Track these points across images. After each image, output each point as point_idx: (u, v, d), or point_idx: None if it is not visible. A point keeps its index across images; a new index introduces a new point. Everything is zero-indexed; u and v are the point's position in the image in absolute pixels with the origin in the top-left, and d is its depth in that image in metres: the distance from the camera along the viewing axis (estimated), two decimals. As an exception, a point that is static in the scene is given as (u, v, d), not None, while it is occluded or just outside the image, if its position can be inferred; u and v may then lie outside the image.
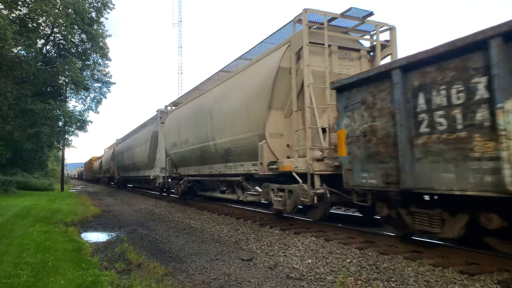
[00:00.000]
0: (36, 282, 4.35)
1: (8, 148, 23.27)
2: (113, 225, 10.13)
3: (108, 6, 23.89)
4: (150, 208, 14.21)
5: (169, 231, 8.83)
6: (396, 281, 4.27)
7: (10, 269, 4.85)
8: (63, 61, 21.67)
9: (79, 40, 23.86)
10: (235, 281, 4.64)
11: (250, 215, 9.59)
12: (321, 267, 5.09)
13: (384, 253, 5.20)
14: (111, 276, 4.57)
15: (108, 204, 16.80)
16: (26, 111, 19.91)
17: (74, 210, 12.78)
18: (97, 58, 25.49)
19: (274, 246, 6.37)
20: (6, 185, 21.55)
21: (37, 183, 28.55)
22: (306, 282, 4.53)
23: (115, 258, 5.97)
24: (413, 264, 4.67)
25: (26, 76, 19.91)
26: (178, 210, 12.45)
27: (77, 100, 30.66)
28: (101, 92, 26.58)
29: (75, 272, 4.72)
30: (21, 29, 19.41)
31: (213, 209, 11.18)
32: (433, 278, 4.20)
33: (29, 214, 11.25)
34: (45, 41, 22.93)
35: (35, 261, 5.28)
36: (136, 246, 6.83)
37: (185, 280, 4.79)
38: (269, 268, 5.25)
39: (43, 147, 26.51)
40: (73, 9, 20.31)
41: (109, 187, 33.78)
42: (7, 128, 19.83)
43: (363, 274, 4.61)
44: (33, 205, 14.07)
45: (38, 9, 18.85)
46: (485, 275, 4.11)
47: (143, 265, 5.38)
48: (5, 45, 16.16)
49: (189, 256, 6.15)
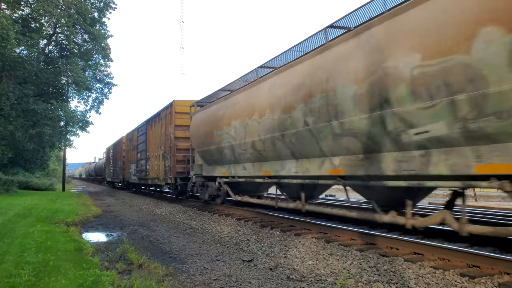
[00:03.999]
0: (37, 281, 4.36)
1: (10, 148, 23.32)
2: (114, 226, 10.14)
3: (110, 6, 23.95)
4: (151, 209, 14.23)
5: (170, 231, 8.84)
6: (396, 283, 4.27)
7: (11, 269, 4.86)
8: (65, 62, 21.72)
9: (82, 40, 23.92)
10: (235, 282, 4.65)
11: (250, 216, 9.59)
12: (321, 268, 5.10)
13: (385, 255, 5.20)
14: (112, 276, 4.58)
15: (109, 204, 16.82)
16: (28, 111, 19.97)
17: (75, 210, 12.80)
18: (99, 59, 25.55)
19: (275, 248, 6.38)
20: (7, 184, 21.63)
21: (39, 183, 28.62)
22: (307, 284, 4.53)
23: (116, 258, 5.98)
24: (414, 266, 4.67)
25: (28, 76, 19.97)
26: (179, 211, 12.46)
27: (79, 101, 30.65)
28: (103, 93, 26.62)
29: (76, 272, 4.73)
30: (24, 29, 19.50)
31: (213, 210, 11.18)
32: (434, 280, 4.20)
33: (30, 214, 11.27)
34: (48, 41, 22.99)
35: (36, 261, 5.29)
36: (137, 246, 6.84)
37: (185, 280, 4.80)
38: (270, 269, 5.25)
39: (45, 147, 26.53)
40: (75, 9, 20.36)
41: (109, 187, 33.83)
42: (9, 128, 19.87)
43: (363, 276, 4.61)
44: (35, 205, 14.10)
45: (41, 9, 18.92)
46: (485, 277, 4.11)
47: (144, 266, 5.39)
48: (8, 45, 16.22)
49: (190, 256, 6.16)
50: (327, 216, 8.82)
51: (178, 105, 14.63)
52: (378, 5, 5.56)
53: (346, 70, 5.54)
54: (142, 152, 19.75)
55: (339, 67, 5.74)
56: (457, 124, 4.10)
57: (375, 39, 5.12)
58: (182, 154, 14.12)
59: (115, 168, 29.23)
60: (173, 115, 14.47)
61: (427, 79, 4.25)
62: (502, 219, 8.32)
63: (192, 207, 12.76)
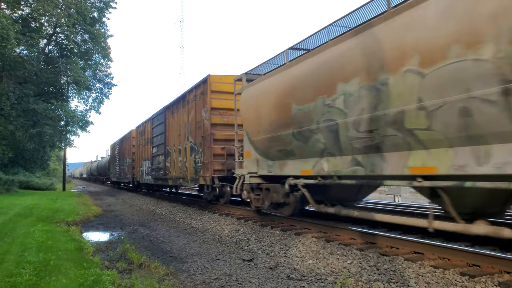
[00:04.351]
0: (38, 281, 4.37)
1: (11, 147, 23.37)
2: (114, 225, 10.16)
3: (110, 5, 23.95)
4: (151, 208, 14.23)
5: (170, 231, 8.85)
6: (396, 282, 4.28)
7: (12, 268, 4.87)
8: (65, 61, 21.74)
9: (81, 40, 23.92)
10: (235, 281, 4.65)
11: (251, 215, 9.60)
12: (321, 268, 5.10)
13: (385, 254, 5.20)
14: (112, 275, 4.59)
15: (110, 204, 16.83)
16: (29, 110, 19.99)
17: (75, 210, 12.82)
18: (99, 58, 25.57)
19: (275, 247, 6.38)
20: (8, 184, 21.67)
21: (39, 182, 28.64)
22: (307, 283, 4.54)
23: (117, 257, 5.99)
24: (414, 265, 4.68)
25: (28, 76, 19.98)
26: (179, 210, 12.47)
27: (79, 100, 30.62)
28: (103, 93, 26.64)
29: (76, 271, 4.74)
30: (24, 29, 19.51)
31: (213, 210, 11.17)
32: (434, 279, 4.21)
33: (31, 214, 11.29)
34: (48, 41, 23.00)
35: (37, 260, 5.30)
36: (137, 246, 6.85)
37: (186, 280, 4.81)
38: (270, 268, 5.26)
39: (45, 147, 26.57)
40: (75, 9, 20.37)
41: (110, 188, 33.84)
42: (9, 128, 19.89)
43: (363, 275, 4.62)
44: (35, 205, 14.12)
45: (41, 9, 18.92)
46: (486, 277, 4.12)
47: (144, 265, 5.40)
48: (8, 44, 16.23)
49: (190, 256, 6.17)
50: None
51: (215, 81, 11.27)
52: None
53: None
54: (160, 146, 16.46)
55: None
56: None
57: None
58: (220, 146, 11.03)
59: (122, 167, 25.88)
60: (209, 94, 11.15)
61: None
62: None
63: (192, 206, 12.76)
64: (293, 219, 8.10)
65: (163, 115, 16.19)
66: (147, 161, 18.72)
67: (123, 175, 25.56)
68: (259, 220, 8.80)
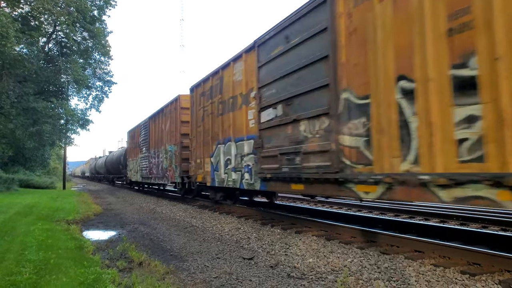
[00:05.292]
0: (38, 279, 4.36)
1: (11, 146, 23.39)
2: (114, 224, 10.15)
3: (110, 3, 23.92)
4: (151, 207, 14.23)
5: (171, 229, 8.85)
6: (397, 280, 4.28)
7: (12, 267, 4.87)
8: (65, 60, 21.73)
9: (81, 38, 23.91)
10: (236, 280, 4.65)
11: (251, 214, 9.60)
12: (322, 266, 5.10)
13: (385, 252, 5.20)
14: (112, 274, 4.59)
15: (110, 203, 16.83)
16: (28, 109, 20.00)
17: (75, 209, 12.81)
18: (99, 57, 25.56)
19: (275, 245, 6.38)
20: (8, 183, 21.66)
21: (39, 181, 28.64)
22: (307, 281, 4.54)
23: (117, 256, 5.98)
24: (414, 264, 4.68)
25: (28, 74, 19.98)
26: (179, 209, 12.47)
27: (79, 99, 30.64)
28: (103, 91, 26.63)
29: (77, 270, 4.74)
30: (23, 27, 19.49)
31: (214, 208, 11.18)
32: (434, 278, 4.20)
33: (31, 212, 11.29)
34: (47, 39, 23.00)
35: (37, 259, 5.30)
36: (138, 244, 6.85)
37: (186, 278, 4.81)
38: (270, 267, 5.25)
39: (45, 146, 26.62)
40: (75, 7, 20.35)
41: (110, 186, 33.86)
42: (9, 126, 19.90)
43: (364, 273, 4.62)
44: (35, 203, 14.12)
45: (40, 7, 18.91)
46: (486, 275, 4.11)
47: (144, 264, 5.40)
48: (8, 43, 16.21)
49: (191, 254, 6.17)
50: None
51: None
52: None
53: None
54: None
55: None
56: None
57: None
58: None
59: (155, 160, 16.89)
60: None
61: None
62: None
63: (193, 206, 12.78)
64: (294, 217, 8.13)
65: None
66: (221, 146, 14.20)
67: (155, 173, 16.92)
68: (259, 218, 8.83)
